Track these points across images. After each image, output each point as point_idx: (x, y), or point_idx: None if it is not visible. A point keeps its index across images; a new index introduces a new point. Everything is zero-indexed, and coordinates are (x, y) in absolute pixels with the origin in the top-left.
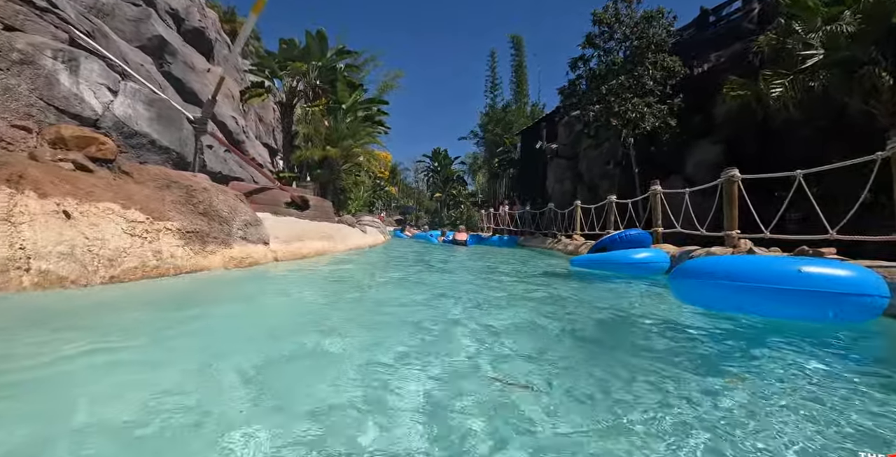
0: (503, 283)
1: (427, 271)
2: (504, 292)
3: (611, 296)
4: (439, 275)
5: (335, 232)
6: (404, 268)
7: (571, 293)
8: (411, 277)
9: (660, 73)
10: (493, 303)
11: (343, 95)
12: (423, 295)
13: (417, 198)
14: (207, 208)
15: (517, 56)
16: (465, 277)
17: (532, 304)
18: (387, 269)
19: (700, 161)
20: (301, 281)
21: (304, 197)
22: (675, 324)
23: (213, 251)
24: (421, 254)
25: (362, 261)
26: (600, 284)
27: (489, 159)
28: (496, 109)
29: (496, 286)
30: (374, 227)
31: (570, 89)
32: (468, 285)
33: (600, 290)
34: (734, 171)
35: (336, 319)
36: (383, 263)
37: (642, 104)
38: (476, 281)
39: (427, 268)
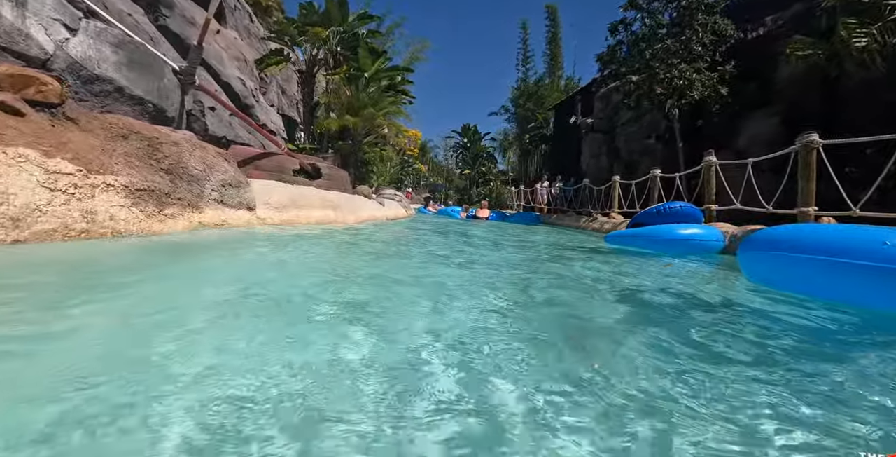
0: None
1: (439, 260)
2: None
3: (666, 278)
4: (451, 254)
5: (345, 202)
6: (419, 244)
7: (609, 273)
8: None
9: (709, 37)
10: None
11: (365, 63)
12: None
13: (447, 176)
14: (173, 165)
15: (552, 27)
16: (464, 247)
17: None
18: (401, 242)
19: (755, 134)
20: (273, 242)
21: (316, 164)
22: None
23: (175, 215)
24: (440, 228)
25: (369, 232)
26: (642, 263)
27: (520, 136)
28: (528, 84)
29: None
30: (396, 200)
31: (609, 56)
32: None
33: (646, 270)
34: (813, 135)
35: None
36: (401, 235)
37: (691, 70)
38: (480, 245)
39: (441, 253)
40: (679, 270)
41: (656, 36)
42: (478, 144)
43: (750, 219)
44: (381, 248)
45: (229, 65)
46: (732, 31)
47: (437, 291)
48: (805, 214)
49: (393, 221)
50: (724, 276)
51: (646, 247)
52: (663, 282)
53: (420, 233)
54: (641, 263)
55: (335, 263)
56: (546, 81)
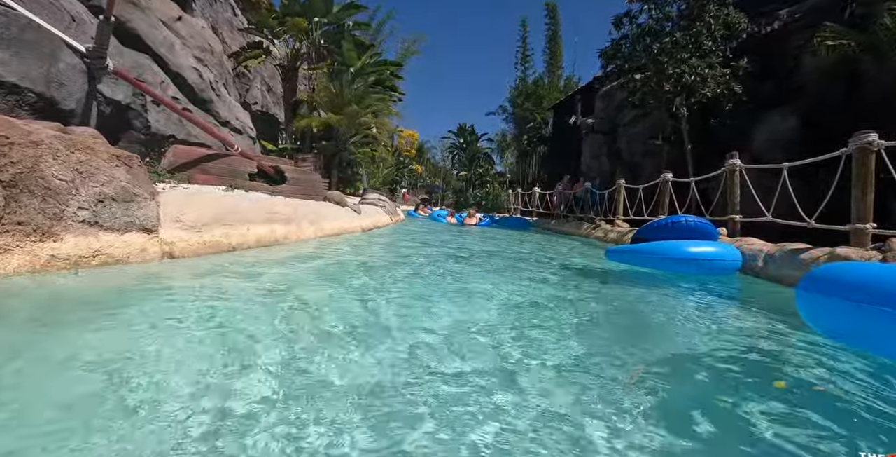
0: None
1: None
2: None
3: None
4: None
5: (303, 213)
6: (382, 279)
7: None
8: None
9: (720, 31)
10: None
11: (351, 57)
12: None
13: (445, 177)
14: (21, 174)
15: (552, 25)
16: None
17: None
18: (365, 270)
19: (772, 136)
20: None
21: (279, 167)
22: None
23: (8, 247)
24: (425, 241)
25: (327, 256)
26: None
27: (518, 136)
28: (527, 83)
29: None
30: (379, 205)
31: (613, 51)
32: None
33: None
34: (871, 135)
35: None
36: (368, 258)
37: (703, 65)
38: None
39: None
40: (715, 310)
41: (664, 29)
42: (474, 144)
43: (785, 234)
44: (317, 300)
45: (182, 54)
46: (746, 24)
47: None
48: (860, 232)
49: (370, 231)
50: (782, 328)
51: (652, 265)
52: (724, 341)
53: (396, 253)
54: (676, 296)
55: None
56: (545, 81)
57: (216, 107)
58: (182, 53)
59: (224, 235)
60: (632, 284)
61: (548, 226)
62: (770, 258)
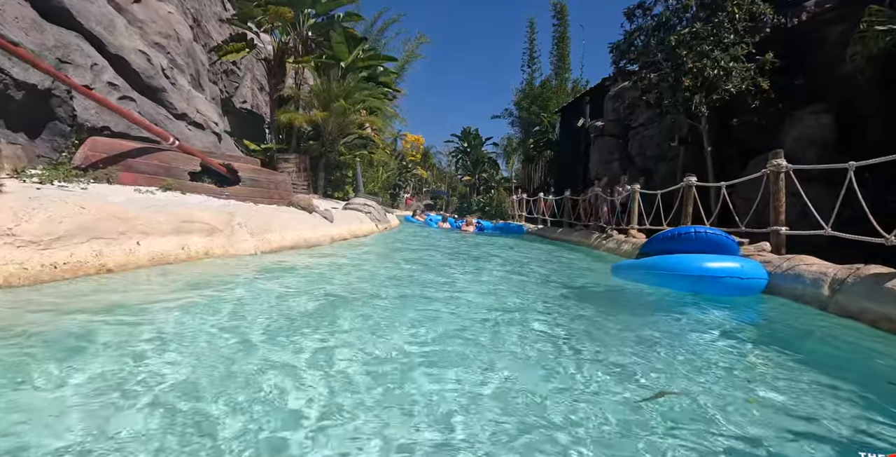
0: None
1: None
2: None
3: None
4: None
5: (245, 221)
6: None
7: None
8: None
9: (744, 23)
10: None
11: (340, 50)
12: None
13: (450, 182)
14: None
15: (560, 26)
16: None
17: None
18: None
19: (803, 136)
20: None
21: (231, 166)
22: None
23: None
24: (409, 254)
25: (259, 282)
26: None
27: (524, 140)
28: (533, 86)
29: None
30: (364, 211)
31: (626, 45)
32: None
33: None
34: None
35: None
36: (318, 286)
37: (727, 58)
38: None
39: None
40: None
41: (681, 21)
42: (478, 148)
43: (847, 252)
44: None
45: (127, 35)
46: (772, 14)
47: None
48: None
49: (343, 242)
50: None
51: (663, 283)
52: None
53: (366, 273)
54: (707, 346)
55: None
56: (552, 83)
57: (169, 96)
58: (127, 35)
59: (94, 253)
60: (646, 312)
61: (553, 235)
62: (842, 286)
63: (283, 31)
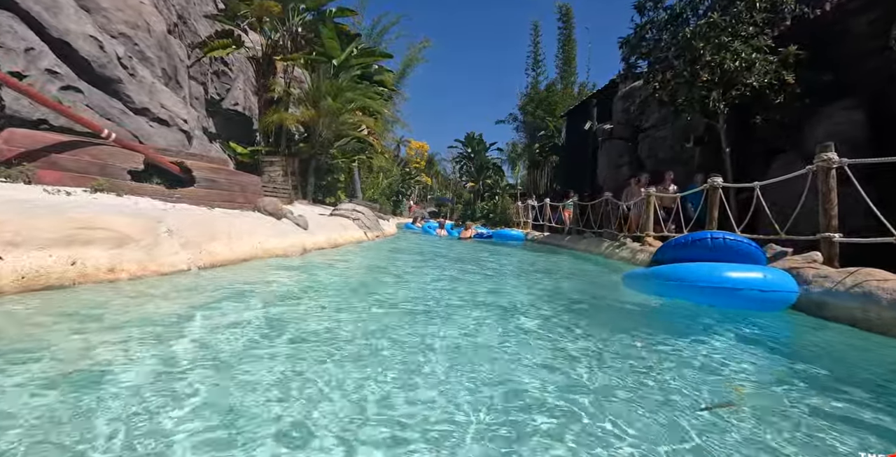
0: None
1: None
2: None
3: None
4: None
5: (181, 228)
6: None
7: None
8: None
9: (763, 15)
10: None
11: (332, 46)
12: None
13: (455, 189)
14: None
15: (565, 29)
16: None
17: None
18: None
19: (832, 133)
20: None
21: (185, 164)
22: None
23: None
24: (390, 268)
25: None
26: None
27: (529, 146)
28: (538, 89)
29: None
30: (351, 218)
31: (636, 39)
32: None
33: None
34: None
35: None
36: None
37: (749, 49)
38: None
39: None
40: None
41: (696, 13)
42: (482, 154)
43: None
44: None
45: (76, 19)
46: (793, 4)
47: None
48: None
49: (321, 251)
50: None
51: (675, 295)
52: None
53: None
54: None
55: None
56: (558, 87)
57: (126, 88)
58: (76, 18)
59: None
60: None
61: (560, 243)
62: None
63: (272, 28)
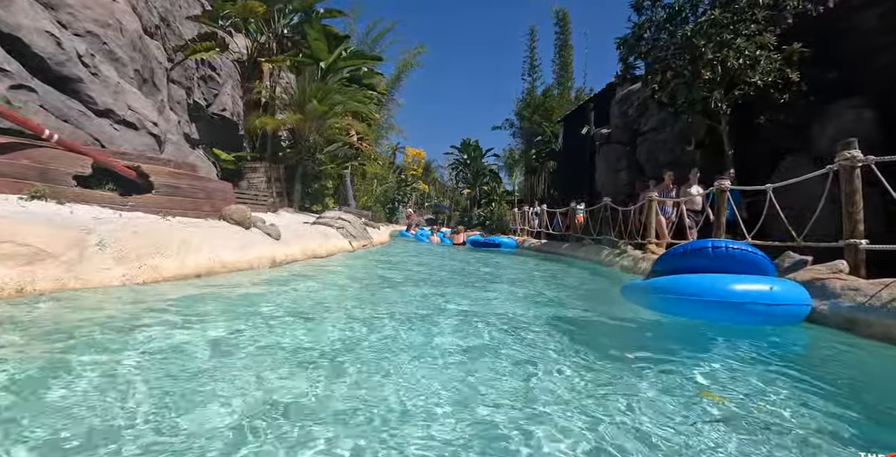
0: None
1: None
2: None
3: None
4: None
5: (117, 238)
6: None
7: None
8: None
9: (764, 12)
10: None
11: (319, 48)
12: None
13: (453, 196)
14: None
15: (562, 34)
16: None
17: None
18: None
19: (841, 133)
20: None
21: (141, 169)
22: None
23: None
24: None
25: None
26: None
27: (526, 151)
28: (535, 95)
29: None
30: (335, 226)
31: (634, 38)
32: None
33: None
34: None
35: None
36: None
37: (752, 46)
38: None
39: None
40: None
41: (696, 11)
42: (479, 160)
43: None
44: None
45: (31, 13)
46: (797, 1)
47: None
48: None
49: (296, 263)
50: None
51: (674, 310)
52: None
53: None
54: None
55: None
56: (554, 92)
57: (87, 88)
58: (30, 13)
59: None
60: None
61: (559, 250)
62: None
63: (257, 30)
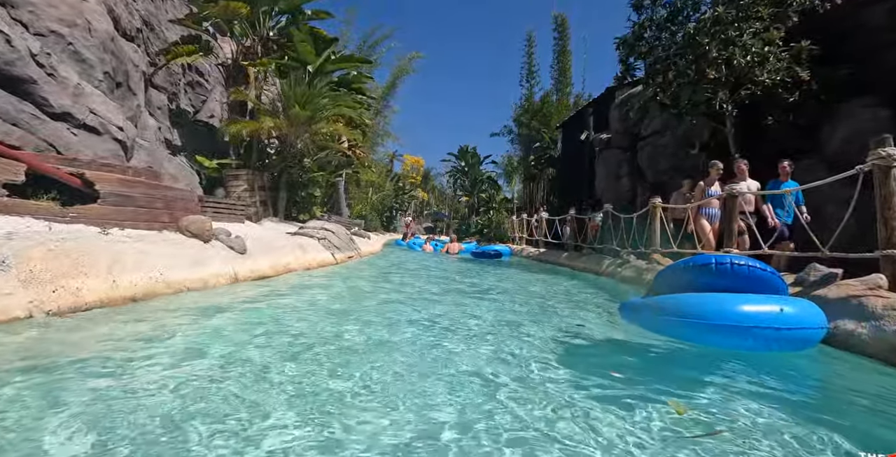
0: None
1: None
2: None
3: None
4: None
5: (8, 259)
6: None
7: None
8: None
9: (769, 9)
10: None
11: (305, 50)
12: None
13: (451, 204)
14: None
15: (560, 39)
16: None
17: None
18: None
19: (855, 134)
20: None
21: (84, 175)
22: None
23: None
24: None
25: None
26: None
27: (524, 158)
28: (533, 101)
29: None
30: (317, 237)
31: (633, 38)
32: None
33: None
34: None
35: None
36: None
37: (759, 43)
38: None
39: None
40: None
41: (697, 7)
42: (476, 167)
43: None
44: None
45: None
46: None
47: None
48: None
49: (264, 280)
50: None
51: (673, 332)
52: None
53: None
54: None
55: None
56: (553, 98)
57: (41, 90)
58: None
59: None
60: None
61: (558, 260)
62: None
63: (242, 33)
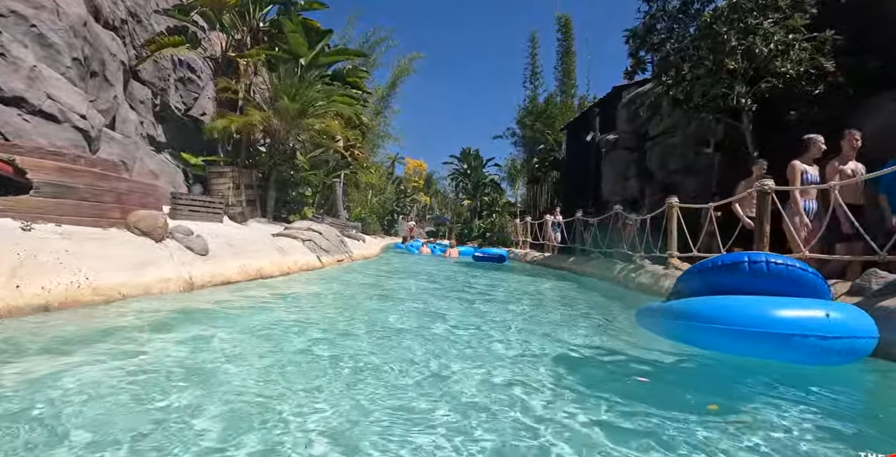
0: None
1: None
2: None
3: None
4: None
5: None
6: None
7: None
8: None
9: (787, 0)
10: None
11: (297, 42)
12: None
13: (454, 208)
14: None
15: (565, 40)
16: None
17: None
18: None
19: (885, 128)
20: None
21: (12, 160)
22: None
23: None
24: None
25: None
26: None
27: (528, 161)
28: (537, 102)
29: None
30: (302, 238)
31: (644, 30)
32: None
33: None
34: None
35: None
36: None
37: (781, 31)
38: None
39: None
40: None
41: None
42: (479, 170)
43: None
44: None
45: None
46: None
47: None
48: None
49: (229, 286)
50: None
51: (699, 341)
52: None
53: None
54: None
55: None
56: (557, 100)
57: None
58: None
59: None
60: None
61: (563, 265)
62: None
63: (231, 25)
